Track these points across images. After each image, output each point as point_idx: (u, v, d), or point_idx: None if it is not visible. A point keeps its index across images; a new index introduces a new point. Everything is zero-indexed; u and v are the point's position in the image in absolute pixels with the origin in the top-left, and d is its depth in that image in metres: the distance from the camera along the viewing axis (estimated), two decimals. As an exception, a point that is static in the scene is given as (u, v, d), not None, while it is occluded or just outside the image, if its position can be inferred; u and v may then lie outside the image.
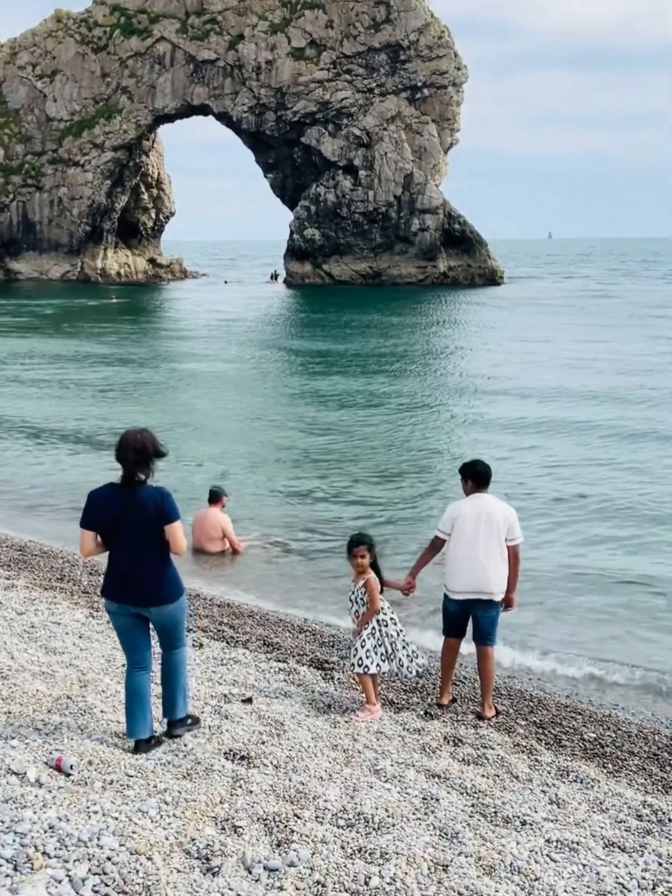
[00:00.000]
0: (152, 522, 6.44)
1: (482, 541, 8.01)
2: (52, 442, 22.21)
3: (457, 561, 8.09)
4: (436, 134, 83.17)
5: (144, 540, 6.48)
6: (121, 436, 6.55)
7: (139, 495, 6.44)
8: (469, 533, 8.03)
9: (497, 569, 8.05)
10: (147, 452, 6.45)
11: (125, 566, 6.53)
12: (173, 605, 6.66)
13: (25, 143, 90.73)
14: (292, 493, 17.52)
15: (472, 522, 8.03)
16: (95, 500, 6.54)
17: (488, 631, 8.22)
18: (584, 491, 17.28)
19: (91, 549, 6.59)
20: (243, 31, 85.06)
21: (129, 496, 6.44)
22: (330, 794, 6.14)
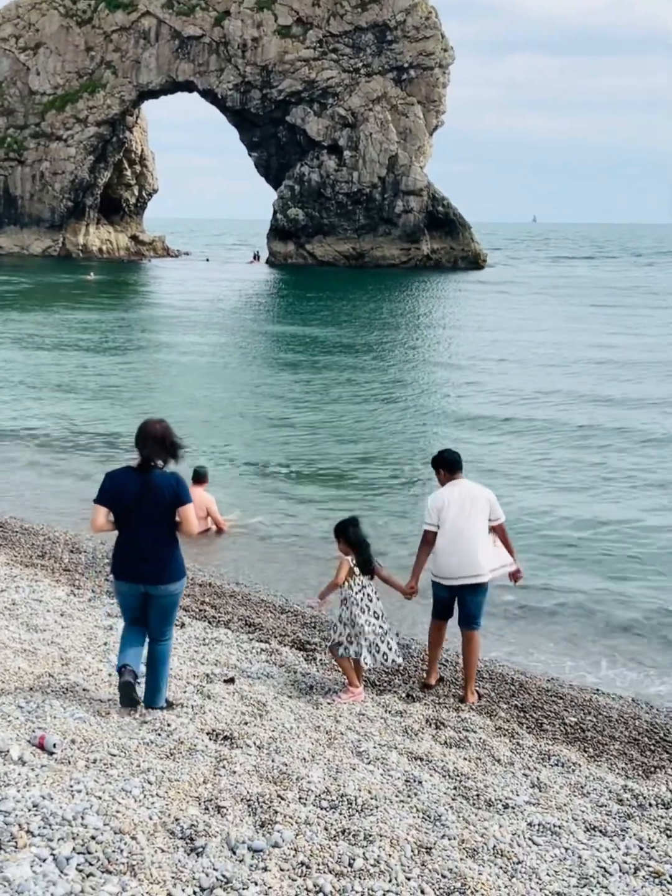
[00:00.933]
0: (167, 505, 6.78)
1: (469, 524, 8.07)
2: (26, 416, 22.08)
3: (445, 547, 8.11)
4: (421, 115, 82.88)
5: (159, 522, 6.81)
6: (141, 424, 6.88)
7: (155, 479, 6.78)
8: (455, 519, 8.08)
9: (485, 550, 8.12)
10: (165, 442, 6.77)
11: (142, 548, 6.84)
12: (177, 585, 7.00)
13: (7, 116, 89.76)
14: (275, 475, 17.50)
15: (455, 507, 8.10)
16: (113, 480, 6.86)
17: (475, 615, 8.26)
18: (555, 456, 17.37)
19: (102, 523, 6.87)
20: (229, 8, 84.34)
21: (146, 480, 6.77)
22: (313, 776, 6.15)
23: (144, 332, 39.44)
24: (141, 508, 6.77)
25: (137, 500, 6.75)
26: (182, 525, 6.87)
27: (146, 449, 6.76)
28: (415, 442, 20.24)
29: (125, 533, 6.90)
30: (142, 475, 6.79)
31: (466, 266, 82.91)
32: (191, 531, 6.94)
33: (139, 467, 6.81)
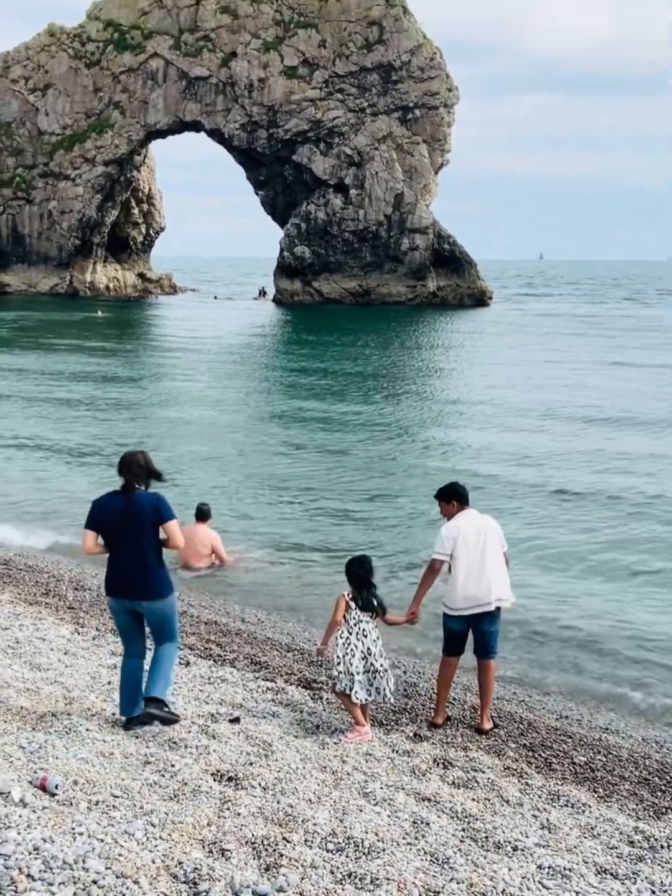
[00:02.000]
0: (148, 523, 7.25)
1: (486, 553, 8.20)
2: (34, 457, 22.08)
3: (462, 577, 8.16)
4: (426, 154, 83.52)
5: (141, 539, 7.26)
6: (123, 454, 7.52)
7: (136, 499, 7.29)
8: (472, 548, 8.18)
9: (500, 578, 8.28)
10: (144, 469, 7.36)
11: (124, 564, 7.30)
12: (163, 601, 7.38)
13: (17, 156, 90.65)
14: (280, 509, 17.44)
15: (473, 536, 8.21)
16: (99, 505, 7.37)
17: (492, 644, 8.37)
18: (566, 492, 17.27)
19: (91, 546, 7.38)
20: (236, 49, 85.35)
21: (128, 500, 7.28)
22: (319, 818, 6.05)
23: (149, 368, 39.56)
24: (123, 528, 7.26)
25: (120, 520, 7.25)
26: (169, 541, 7.34)
27: (129, 474, 7.31)
28: (419, 477, 20.16)
29: (112, 552, 7.38)
30: (124, 496, 7.31)
31: (472, 303, 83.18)
32: (177, 545, 7.41)
33: (122, 489, 7.33)
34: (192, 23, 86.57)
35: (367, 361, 40.57)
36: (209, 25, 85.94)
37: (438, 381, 35.40)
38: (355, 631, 7.93)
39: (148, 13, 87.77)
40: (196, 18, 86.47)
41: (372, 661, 7.92)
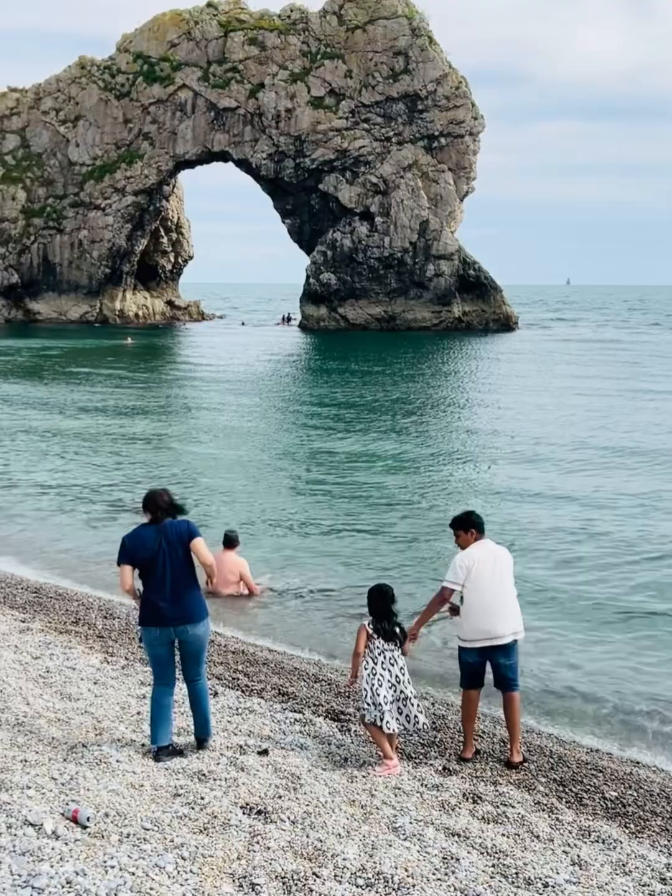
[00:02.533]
0: (183, 547, 7.59)
1: (499, 584, 8.17)
2: (59, 494, 22.24)
3: (478, 608, 8.11)
4: (452, 182, 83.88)
5: (178, 565, 7.57)
6: (147, 492, 7.84)
7: (168, 527, 7.64)
8: (487, 578, 8.15)
9: (515, 609, 8.26)
10: (168, 503, 7.71)
11: (166, 591, 7.55)
12: (203, 624, 7.70)
13: (47, 186, 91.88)
14: (307, 537, 17.45)
15: (489, 567, 8.17)
16: (132, 539, 7.63)
17: (512, 677, 8.30)
18: (590, 532, 17.17)
19: (130, 581, 7.59)
20: (264, 80, 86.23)
21: (160, 529, 7.61)
22: (349, 852, 6.04)
23: (176, 399, 39.81)
24: (160, 556, 7.56)
25: (156, 549, 7.56)
26: (198, 557, 7.62)
27: (157, 509, 7.67)
28: (441, 507, 20.12)
29: (150, 582, 7.59)
30: (156, 527, 7.65)
31: (498, 328, 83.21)
32: (207, 561, 7.67)
33: (152, 522, 7.68)
34: (221, 54, 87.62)
35: (393, 391, 40.51)
36: (237, 57, 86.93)
37: (465, 413, 35.13)
38: (380, 660, 7.95)
39: (177, 45, 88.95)
40: (224, 50, 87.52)
41: (402, 689, 7.93)
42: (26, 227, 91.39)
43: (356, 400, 37.23)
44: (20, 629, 11.46)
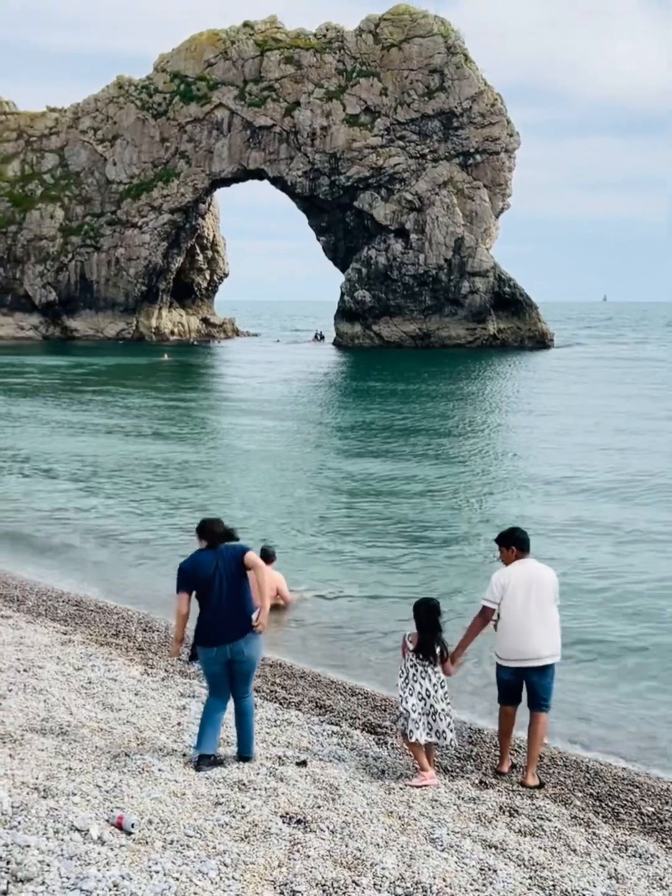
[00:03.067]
0: (236, 564, 7.86)
1: (535, 606, 8.07)
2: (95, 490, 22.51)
3: (510, 628, 8.10)
4: (487, 199, 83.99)
5: (233, 584, 7.84)
6: (201, 521, 8.20)
7: (224, 550, 7.95)
8: (521, 599, 8.08)
9: (552, 632, 8.13)
10: (222, 530, 8.06)
11: (224, 609, 7.81)
12: (258, 638, 7.90)
13: (85, 204, 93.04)
14: (341, 556, 17.55)
15: (523, 588, 8.10)
16: (190, 564, 7.93)
17: (544, 697, 8.23)
18: (626, 555, 17.14)
19: (186, 608, 7.88)
20: (299, 98, 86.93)
21: (217, 553, 7.92)
22: (387, 862, 6.13)
23: (215, 413, 40.12)
24: (216, 578, 7.82)
25: (212, 572, 7.83)
26: (249, 563, 7.85)
27: (212, 536, 7.99)
28: (481, 522, 20.16)
29: (207, 604, 7.85)
30: (213, 551, 7.93)
31: (533, 346, 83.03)
32: (258, 564, 7.88)
33: (208, 547, 7.97)
34: (257, 73, 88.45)
35: (430, 412, 40.41)
36: (273, 76, 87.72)
37: (502, 437, 34.63)
38: (411, 672, 8.07)
39: (213, 64, 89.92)
40: (260, 69, 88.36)
41: (432, 703, 8.00)
42: (64, 245, 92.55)
43: (391, 422, 37.21)
44: (62, 641, 11.65)
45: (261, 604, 7.88)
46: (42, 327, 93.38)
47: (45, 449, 29.70)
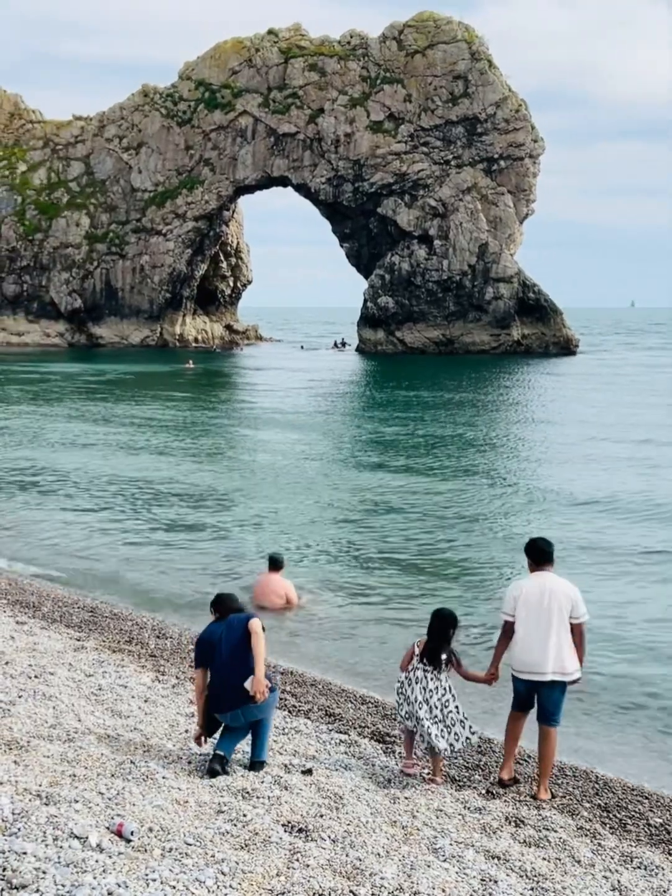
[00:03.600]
0: (242, 629, 8.02)
1: (545, 619, 7.94)
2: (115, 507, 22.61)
3: (520, 640, 8.02)
4: (511, 204, 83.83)
5: (237, 648, 7.96)
6: (217, 595, 8.52)
7: (232, 620, 8.16)
8: (532, 612, 7.97)
9: (561, 648, 7.94)
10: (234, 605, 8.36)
11: (227, 676, 7.94)
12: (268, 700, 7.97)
13: (110, 212, 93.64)
14: (356, 561, 17.55)
15: (535, 601, 7.98)
16: (203, 636, 8.25)
17: (552, 712, 8.09)
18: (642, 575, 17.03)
19: (203, 685, 8.12)
20: (323, 105, 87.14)
21: (226, 624, 8.15)
22: (387, 872, 6.10)
23: (233, 425, 40.24)
24: (221, 645, 8.02)
25: (219, 640, 8.05)
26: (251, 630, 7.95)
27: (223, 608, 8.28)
28: (498, 534, 20.10)
29: (213, 671, 8.06)
30: (222, 621, 8.19)
31: (558, 352, 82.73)
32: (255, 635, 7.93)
33: (219, 619, 8.25)
34: (281, 81, 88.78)
35: (450, 423, 40.26)
36: (297, 83, 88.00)
37: (524, 451, 34.66)
38: (415, 681, 8.16)
39: (238, 72, 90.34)
40: (284, 76, 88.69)
41: (429, 711, 8.02)
42: (90, 253, 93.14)
43: (411, 433, 37.15)
44: (75, 647, 11.69)
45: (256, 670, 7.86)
46: (68, 334, 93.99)
47: (65, 462, 29.87)
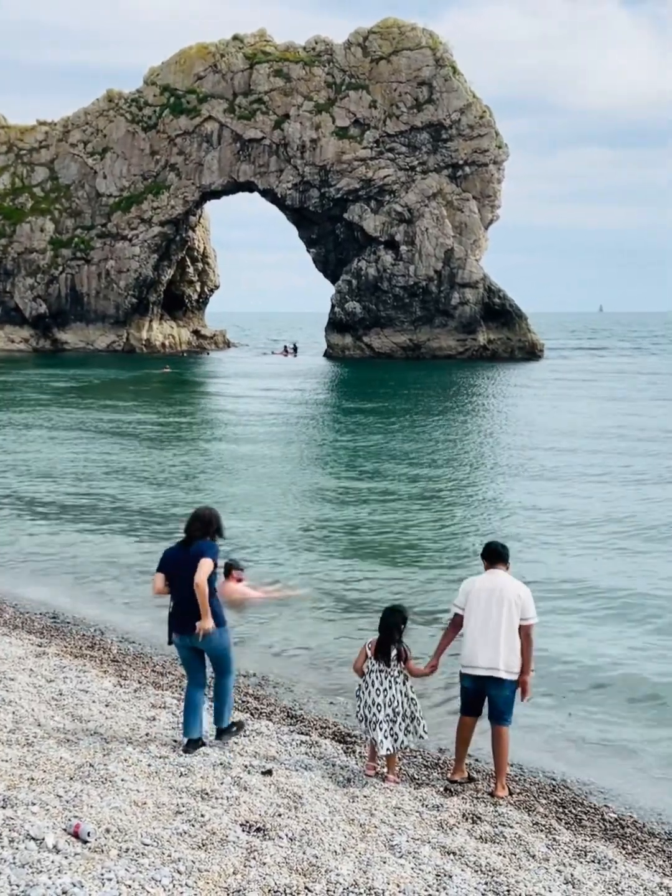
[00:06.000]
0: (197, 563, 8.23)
1: (494, 617, 8.08)
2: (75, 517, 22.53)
3: (469, 636, 8.18)
4: (476, 210, 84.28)
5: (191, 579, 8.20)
6: (195, 510, 8.74)
7: (192, 549, 8.40)
8: (482, 609, 8.12)
9: (509, 647, 8.07)
10: (209, 525, 8.50)
11: (181, 604, 8.37)
12: (218, 631, 8.32)
13: (75, 217, 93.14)
14: (319, 562, 17.60)
15: (484, 598, 8.14)
16: (165, 553, 8.66)
17: (502, 710, 8.20)
18: (602, 577, 17.23)
19: (159, 587, 8.54)
20: (289, 111, 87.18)
21: (186, 551, 8.43)
22: (343, 868, 6.18)
23: (206, 424, 40.21)
24: (180, 573, 8.34)
25: (177, 567, 8.39)
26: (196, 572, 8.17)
27: (191, 529, 8.48)
28: (465, 533, 20.24)
29: (173, 594, 8.46)
30: (184, 548, 8.46)
31: (523, 356, 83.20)
32: (198, 579, 8.15)
33: (183, 542, 8.52)
34: (246, 86, 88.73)
35: (414, 428, 40.59)
36: (262, 89, 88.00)
37: (486, 453, 35.17)
38: (371, 681, 8.29)
39: (203, 77, 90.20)
40: (250, 82, 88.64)
41: (395, 709, 8.11)
42: (54, 258, 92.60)
43: (376, 439, 37.36)
44: (36, 653, 11.67)
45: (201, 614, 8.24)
46: (33, 340, 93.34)
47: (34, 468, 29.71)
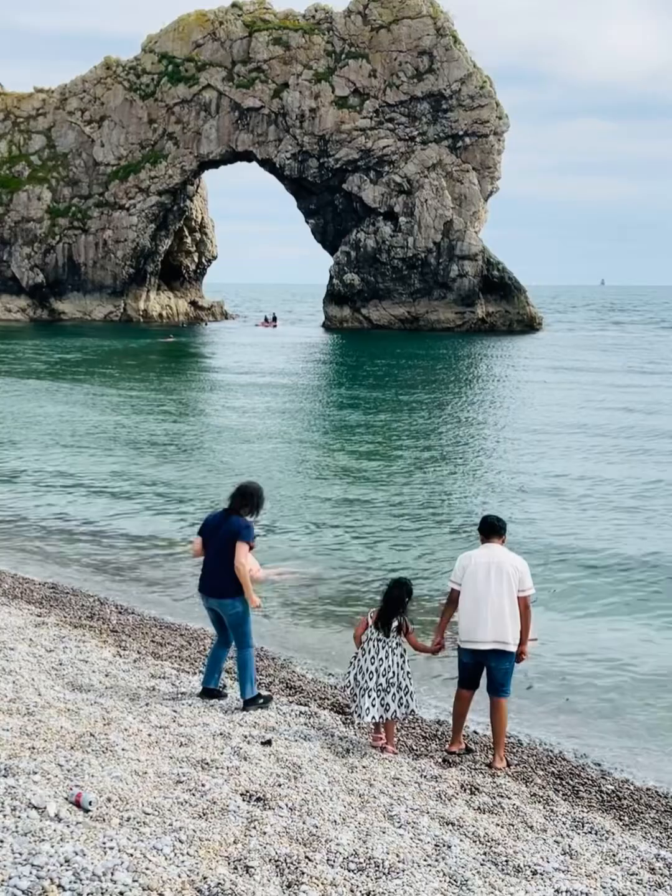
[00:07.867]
0: (229, 540, 8.78)
1: (493, 590, 8.11)
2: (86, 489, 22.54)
3: (468, 611, 8.18)
4: (476, 182, 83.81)
5: (222, 551, 8.81)
6: (241, 483, 9.25)
7: (230, 520, 8.90)
8: (480, 582, 8.15)
9: (508, 618, 8.12)
10: (247, 499, 8.95)
11: (209, 567, 8.96)
12: (233, 601, 8.80)
13: (73, 186, 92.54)
14: (320, 536, 17.64)
15: (482, 572, 8.17)
16: (206, 517, 9.28)
17: (501, 682, 8.26)
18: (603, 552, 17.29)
19: (198, 549, 9.13)
20: (288, 80, 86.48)
21: (224, 519, 8.94)
22: (342, 838, 6.22)
23: (205, 392, 40.17)
24: (213, 539, 8.92)
25: (212, 533, 8.94)
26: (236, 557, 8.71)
27: (233, 500, 8.97)
28: (463, 507, 20.28)
29: (205, 557, 9.04)
30: (224, 516, 8.96)
31: (521, 329, 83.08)
32: (237, 563, 8.70)
33: (225, 511, 8.99)
34: (245, 55, 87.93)
35: (410, 398, 40.59)
36: (261, 57, 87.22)
37: (485, 435, 35.24)
38: (367, 649, 8.33)
39: (201, 45, 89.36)
40: (249, 50, 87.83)
41: (389, 679, 8.22)
42: (52, 227, 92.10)
43: (374, 407, 37.35)
44: (35, 623, 11.70)
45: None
46: (30, 310, 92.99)
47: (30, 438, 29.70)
